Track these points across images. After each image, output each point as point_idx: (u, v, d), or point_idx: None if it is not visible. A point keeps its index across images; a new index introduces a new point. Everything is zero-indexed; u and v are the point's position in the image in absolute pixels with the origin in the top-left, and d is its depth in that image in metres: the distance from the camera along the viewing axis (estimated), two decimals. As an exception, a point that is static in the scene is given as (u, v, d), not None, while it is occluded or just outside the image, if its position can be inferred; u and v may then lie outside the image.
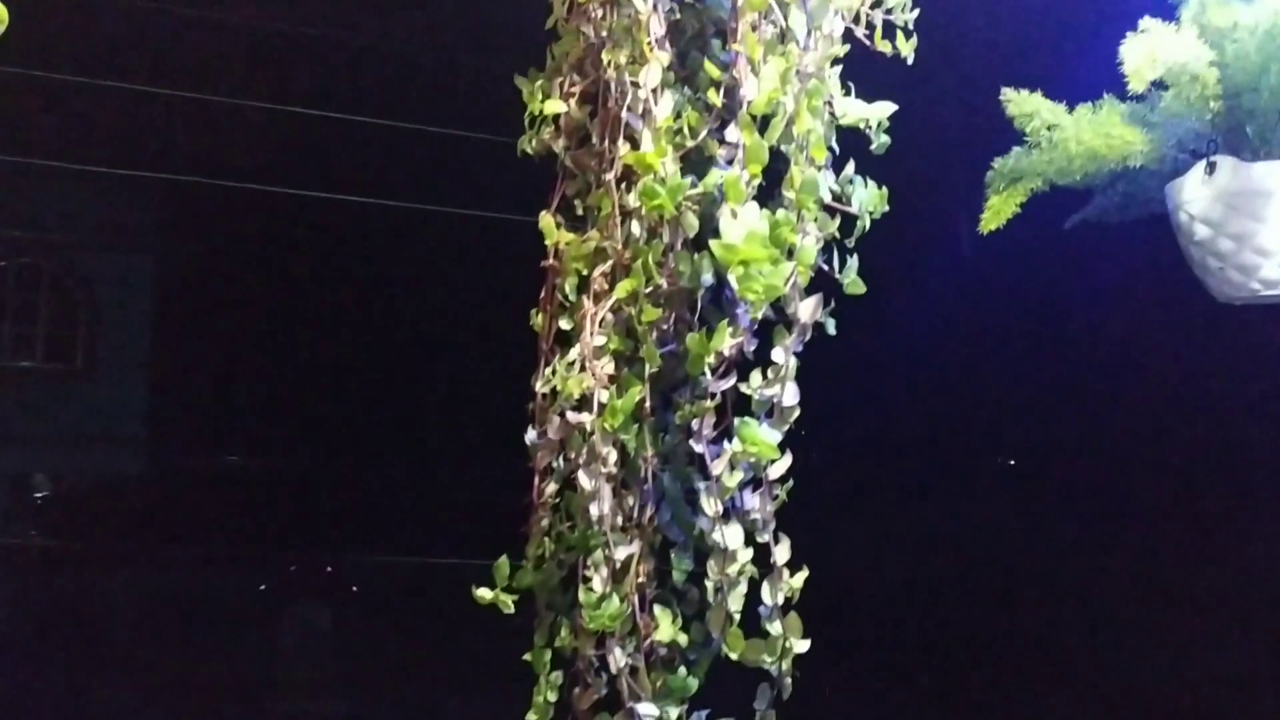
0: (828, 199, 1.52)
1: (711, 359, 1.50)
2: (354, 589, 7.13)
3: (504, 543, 1.73)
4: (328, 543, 6.26)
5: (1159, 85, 2.18)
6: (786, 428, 1.57)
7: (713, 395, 1.52)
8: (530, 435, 1.63)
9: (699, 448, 1.53)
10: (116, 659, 6.49)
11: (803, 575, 1.57)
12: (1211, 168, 2.10)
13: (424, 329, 6.39)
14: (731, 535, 1.53)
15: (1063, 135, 2.15)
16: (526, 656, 1.65)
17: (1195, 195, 2.13)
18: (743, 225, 1.32)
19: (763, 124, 1.47)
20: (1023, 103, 2.13)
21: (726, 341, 1.47)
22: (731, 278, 1.44)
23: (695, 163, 1.62)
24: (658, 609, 1.56)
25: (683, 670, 1.62)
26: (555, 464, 1.64)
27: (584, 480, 1.53)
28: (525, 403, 1.70)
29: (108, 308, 7.39)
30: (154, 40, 4.88)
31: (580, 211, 1.66)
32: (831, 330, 1.64)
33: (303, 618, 6.69)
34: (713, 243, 1.36)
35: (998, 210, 2.22)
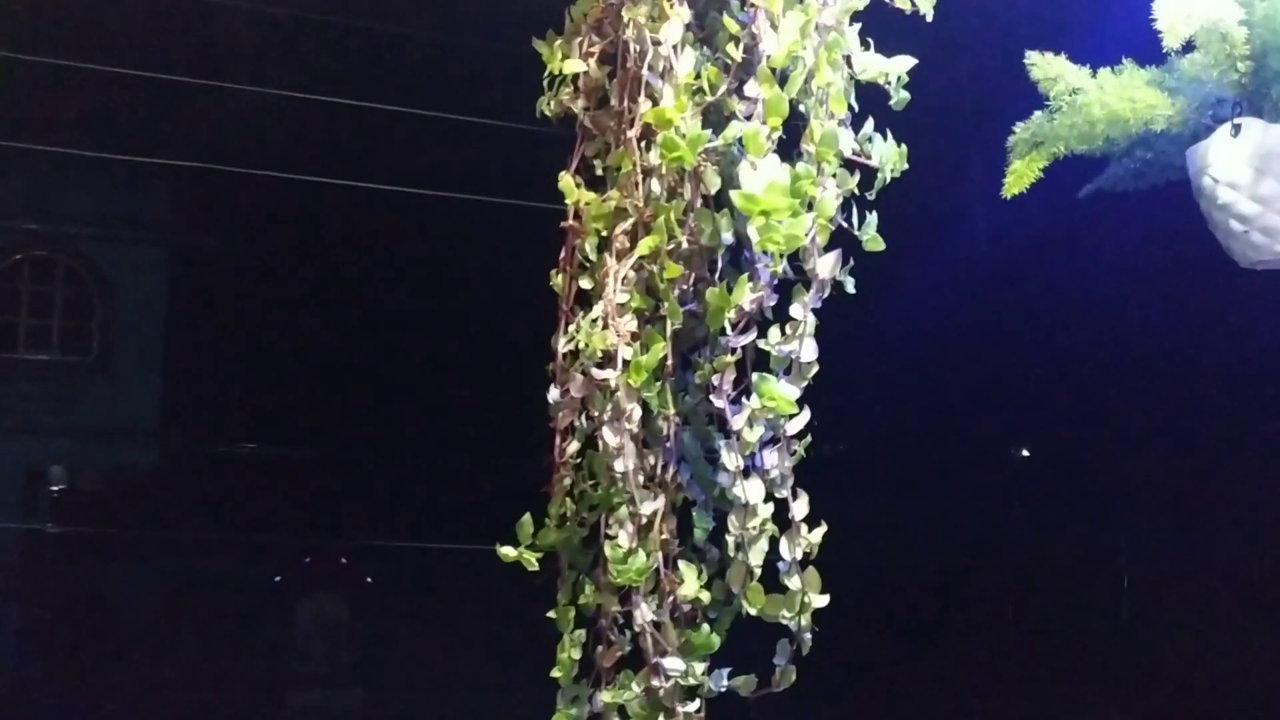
0: (848, 153, 1.55)
1: (732, 314, 1.53)
2: (369, 579, 7.20)
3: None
4: (345, 529, 6.33)
5: (1180, 50, 2.20)
6: (805, 384, 1.59)
7: (733, 350, 1.55)
8: (553, 394, 1.67)
9: (719, 403, 1.56)
10: (131, 648, 6.57)
11: (821, 530, 1.60)
12: (1237, 129, 2.11)
13: (441, 317, 6.44)
14: (752, 490, 1.55)
15: (1086, 99, 2.17)
16: (550, 614, 1.69)
17: (1220, 158, 2.14)
18: (764, 176, 1.35)
19: (782, 79, 1.50)
20: (1047, 66, 2.15)
21: (747, 296, 1.50)
22: (752, 229, 1.47)
23: (715, 123, 1.64)
24: (682, 564, 1.59)
25: (705, 627, 1.65)
26: (577, 423, 1.67)
27: (609, 436, 1.56)
28: (541, 393, 1.73)
29: (123, 299, 7.47)
30: (173, 27, 4.94)
31: (600, 172, 1.69)
32: (850, 288, 1.66)
33: (317, 608, 6.76)
34: (734, 193, 1.38)
35: (1020, 175, 2.24)
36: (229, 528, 6.36)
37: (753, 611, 1.61)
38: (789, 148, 1.60)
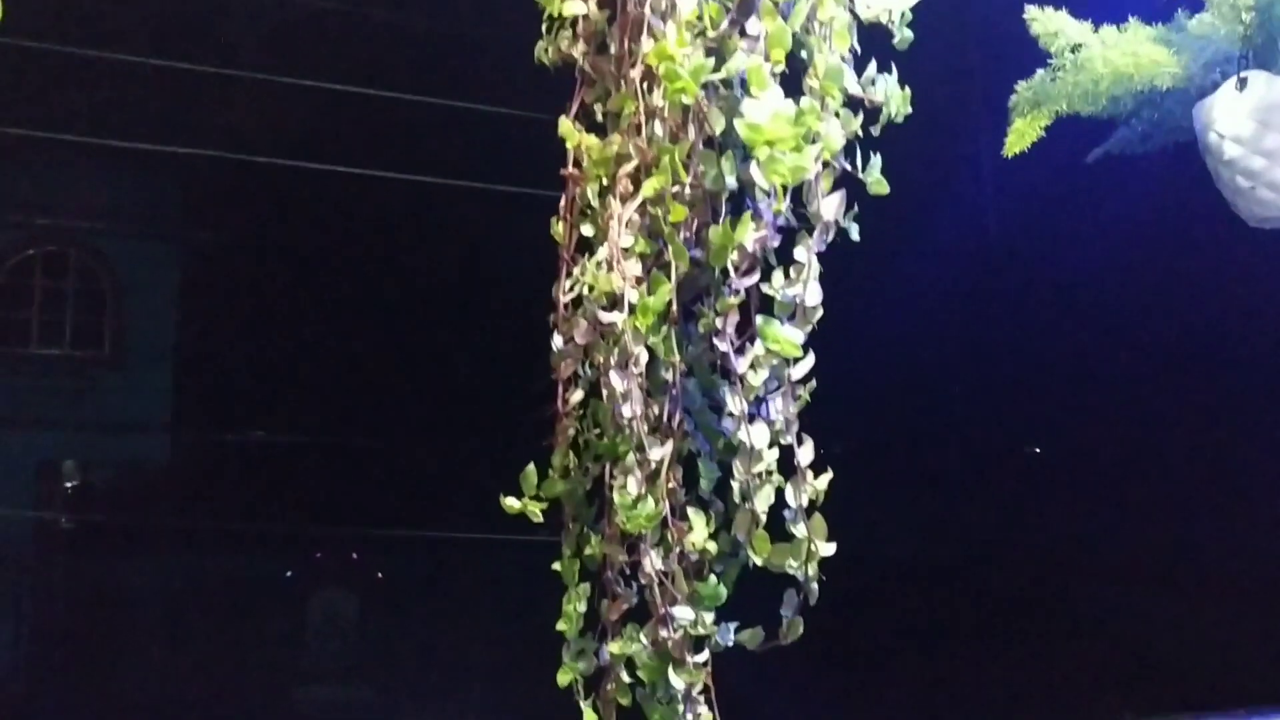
0: (852, 90, 1.50)
1: (734, 254, 1.48)
2: (379, 575, 7.14)
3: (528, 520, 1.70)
4: (354, 518, 6.28)
5: (1187, 6, 2.15)
6: (809, 328, 1.54)
7: (736, 293, 1.50)
8: (556, 341, 1.62)
9: (723, 346, 1.52)
10: (142, 640, 6.53)
11: (827, 477, 1.55)
12: (1243, 84, 2.06)
13: (453, 307, 6.39)
14: (757, 434, 1.51)
15: (1088, 55, 2.12)
16: (556, 566, 1.64)
17: (1226, 113, 2.09)
18: (768, 105, 1.30)
19: (784, 14, 1.45)
20: (1047, 21, 2.10)
21: (750, 234, 1.45)
22: (756, 170, 1.42)
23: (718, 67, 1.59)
24: (690, 512, 1.54)
25: (713, 579, 1.60)
26: (581, 372, 1.62)
27: (615, 381, 1.51)
28: (547, 379, 1.68)
29: (135, 294, 7.44)
30: (183, 17, 4.90)
31: (600, 118, 1.65)
32: (855, 235, 1.61)
33: (328, 599, 6.71)
34: (738, 122, 1.33)
35: (1022, 134, 2.19)
36: (241, 517, 6.31)
37: (759, 561, 1.56)
38: (791, 92, 1.55)
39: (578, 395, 1.64)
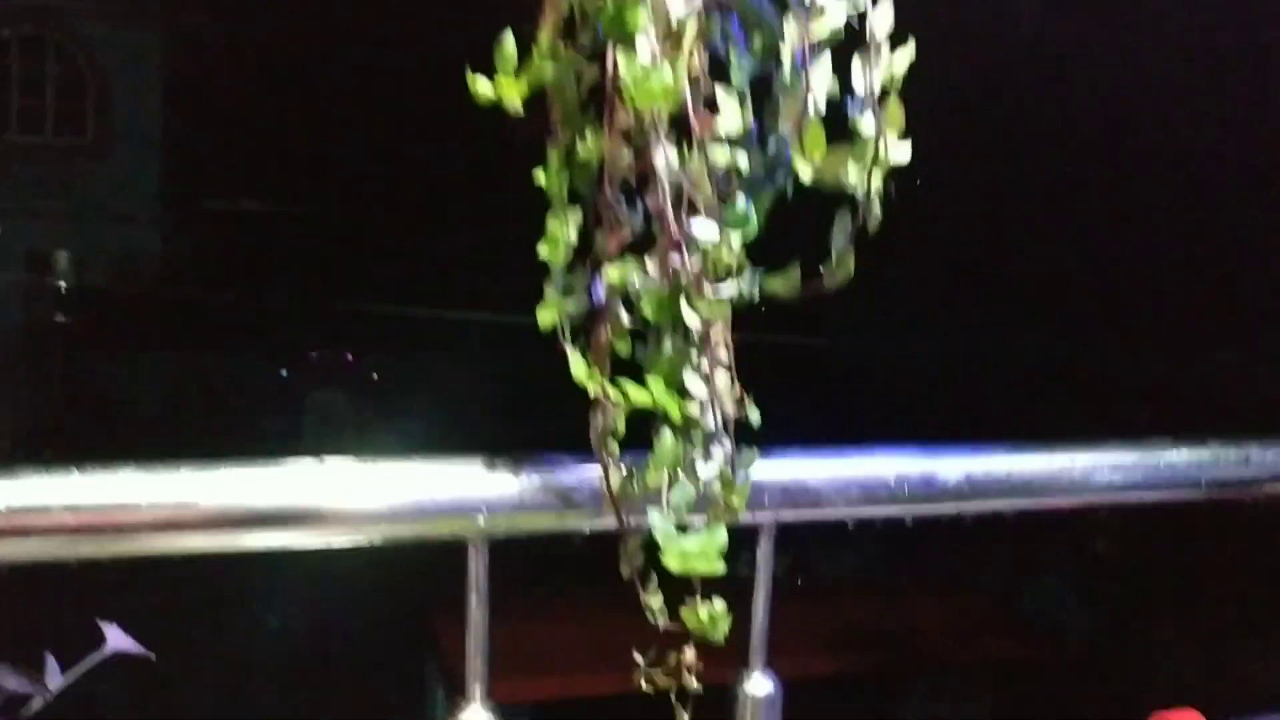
0: None
1: None
2: (374, 376, 6.84)
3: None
4: (349, 290, 5.90)
5: None
6: None
7: None
8: None
9: None
10: (133, 438, 6.28)
11: (908, 54, 1.12)
12: None
13: (460, 76, 5.78)
14: (822, -24, 1.08)
15: None
16: (539, 176, 1.23)
17: None
18: None
19: None
20: None
21: None
22: None
23: None
24: (720, 90, 1.13)
25: (740, 200, 1.19)
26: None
27: (619, -98, 1.07)
28: None
29: (116, 78, 6.88)
30: None
31: None
32: None
33: (324, 392, 6.43)
34: None
35: None
36: (230, 299, 5.95)
37: (807, 173, 1.15)
38: None
39: (575, -49, 1.19)
